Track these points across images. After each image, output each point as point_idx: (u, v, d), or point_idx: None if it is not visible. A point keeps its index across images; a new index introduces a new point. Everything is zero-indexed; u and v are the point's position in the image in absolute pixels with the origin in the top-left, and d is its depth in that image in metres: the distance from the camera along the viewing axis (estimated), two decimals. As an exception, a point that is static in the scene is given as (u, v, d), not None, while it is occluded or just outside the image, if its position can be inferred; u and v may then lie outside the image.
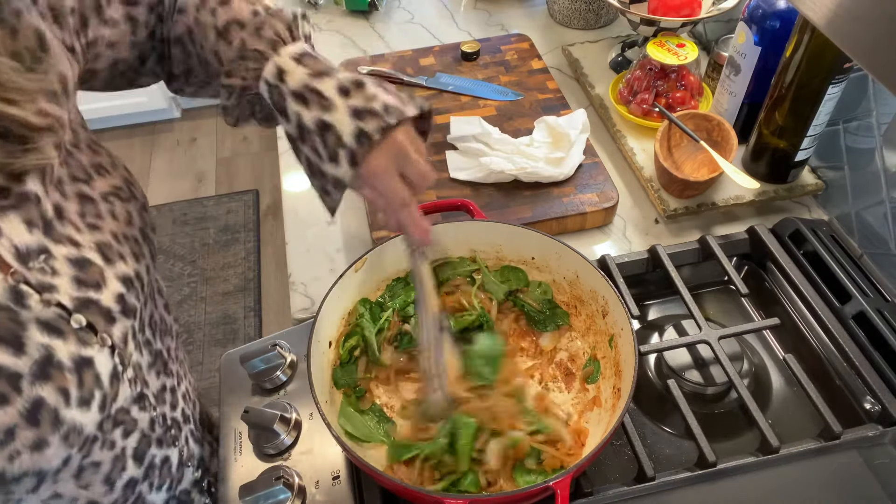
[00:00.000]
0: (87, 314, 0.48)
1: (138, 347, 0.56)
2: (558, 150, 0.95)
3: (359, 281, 0.74)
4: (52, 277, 0.47)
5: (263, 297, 2.21)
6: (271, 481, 0.64)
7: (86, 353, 0.48)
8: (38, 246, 0.46)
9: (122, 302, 0.52)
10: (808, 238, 0.85)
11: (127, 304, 0.52)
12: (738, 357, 0.77)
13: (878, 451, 0.69)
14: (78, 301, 0.48)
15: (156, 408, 0.59)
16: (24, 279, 0.45)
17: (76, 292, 0.48)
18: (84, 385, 0.47)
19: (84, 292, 0.49)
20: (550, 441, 0.65)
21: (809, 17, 0.34)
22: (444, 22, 1.36)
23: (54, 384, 0.45)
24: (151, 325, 0.60)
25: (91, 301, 0.49)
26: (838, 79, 0.80)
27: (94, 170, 0.55)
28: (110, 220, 0.53)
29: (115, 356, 0.51)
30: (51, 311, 0.46)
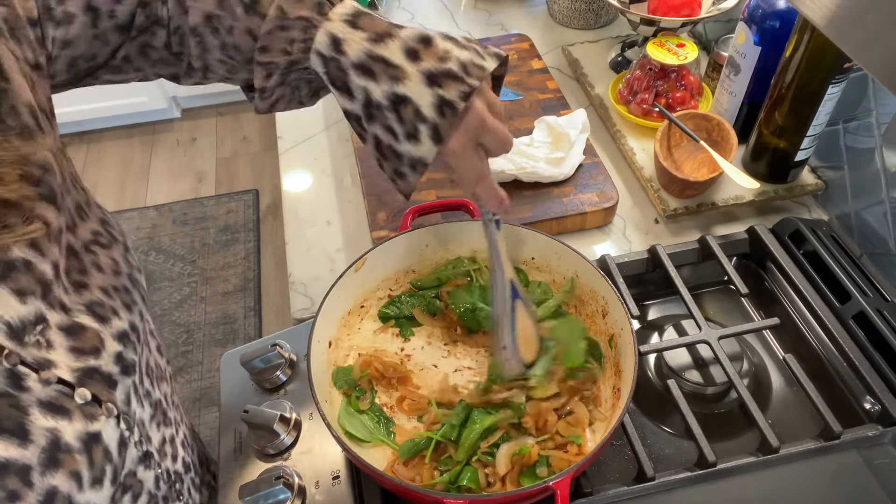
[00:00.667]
0: (90, 386, 0.44)
1: (140, 402, 0.52)
2: (558, 150, 0.95)
3: (359, 281, 0.74)
4: (49, 351, 0.42)
5: (263, 297, 2.21)
6: (271, 481, 0.64)
7: (93, 429, 0.43)
8: (35, 315, 0.42)
9: (120, 361, 0.47)
10: (808, 238, 0.85)
11: (126, 361, 0.48)
12: (738, 357, 0.77)
13: (878, 451, 0.69)
14: (80, 372, 0.44)
15: (160, 464, 0.55)
16: (21, 359, 0.40)
17: (75, 363, 0.44)
18: (95, 464, 0.43)
19: (84, 361, 0.44)
20: (560, 445, 0.65)
21: (809, 17, 0.34)
22: (444, 22, 1.36)
23: (65, 470, 0.41)
24: (149, 374, 0.55)
25: (92, 370, 0.45)
26: (838, 79, 0.80)
27: (77, 213, 0.48)
28: (96, 274, 0.47)
29: (120, 423, 0.47)
30: (51, 389, 0.42)
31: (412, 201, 0.92)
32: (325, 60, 0.50)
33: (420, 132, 0.50)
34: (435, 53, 0.50)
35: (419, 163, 0.52)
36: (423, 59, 0.49)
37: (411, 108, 0.49)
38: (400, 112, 0.50)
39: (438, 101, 0.49)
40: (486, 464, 0.63)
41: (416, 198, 0.93)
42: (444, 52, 0.50)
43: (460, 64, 0.50)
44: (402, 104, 0.49)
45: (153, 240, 2.39)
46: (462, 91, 0.49)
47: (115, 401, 0.46)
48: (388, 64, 0.49)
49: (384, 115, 0.50)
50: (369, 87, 0.50)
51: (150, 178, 2.63)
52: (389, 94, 0.49)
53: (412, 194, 0.55)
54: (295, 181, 1.03)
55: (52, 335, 0.43)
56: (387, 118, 0.50)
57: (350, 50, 0.49)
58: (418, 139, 0.50)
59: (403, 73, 0.49)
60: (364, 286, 0.76)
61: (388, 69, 0.49)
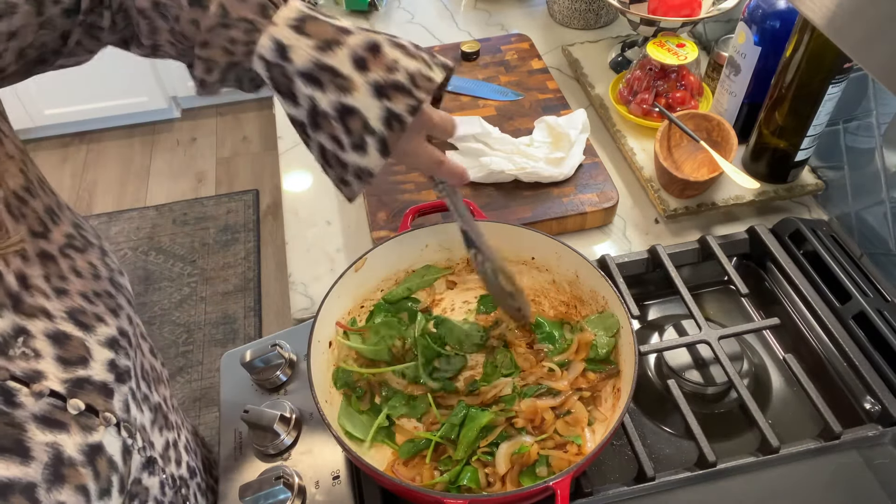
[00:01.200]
0: (83, 396, 0.43)
1: (139, 407, 0.51)
2: (558, 150, 0.95)
3: (359, 281, 0.74)
4: (37, 361, 0.41)
5: (263, 297, 2.21)
6: (271, 481, 0.64)
7: (93, 440, 0.43)
8: (13, 328, 0.41)
9: (114, 368, 0.46)
10: (808, 238, 0.85)
11: (119, 368, 0.47)
12: (738, 357, 0.77)
13: (878, 451, 0.69)
14: (70, 383, 0.43)
15: (164, 469, 0.54)
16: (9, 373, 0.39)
17: (64, 373, 0.42)
18: (100, 475, 0.42)
19: (72, 372, 0.43)
20: (560, 445, 0.65)
21: (809, 17, 0.34)
22: (444, 22, 1.36)
23: (72, 484, 0.40)
24: (145, 378, 0.54)
25: (82, 380, 0.43)
26: (838, 79, 0.80)
27: (48, 217, 0.47)
28: (75, 279, 0.46)
29: (121, 431, 0.46)
30: (44, 402, 0.41)
31: (412, 201, 0.92)
32: (268, 65, 0.49)
33: (367, 144, 0.50)
34: (383, 63, 0.49)
35: (365, 172, 0.51)
36: (371, 70, 0.49)
37: (359, 120, 0.49)
38: (347, 123, 0.49)
39: (387, 115, 0.49)
40: (486, 463, 0.63)
41: (416, 198, 0.93)
42: (393, 61, 0.49)
43: (408, 75, 0.50)
44: (349, 115, 0.49)
45: (153, 240, 2.39)
46: (410, 105, 0.49)
47: (112, 409, 0.45)
48: (336, 74, 0.48)
49: (330, 124, 0.50)
50: (316, 96, 0.49)
51: (150, 178, 2.63)
52: (336, 105, 0.49)
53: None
54: (295, 181, 1.03)
55: (38, 344, 0.42)
56: (333, 128, 0.50)
57: (296, 57, 0.48)
58: (365, 150, 0.50)
59: (351, 84, 0.48)
60: (364, 286, 0.76)
61: (336, 79, 0.48)
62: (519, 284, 0.69)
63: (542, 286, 0.79)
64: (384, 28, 1.34)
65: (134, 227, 2.43)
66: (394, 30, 1.34)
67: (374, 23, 1.36)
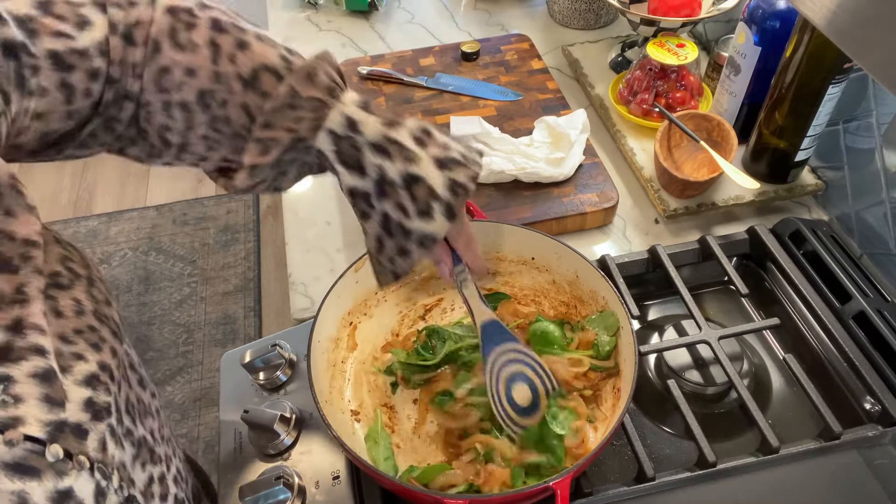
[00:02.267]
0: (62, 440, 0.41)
1: (119, 444, 0.48)
2: (558, 151, 0.95)
3: (359, 281, 0.74)
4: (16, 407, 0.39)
5: (263, 297, 2.21)
6: (271, 481, 0.64)
7: (63, 486, 0.40)
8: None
9: (90, 407, 0.44)
10: (808, 238, 0.85)
11: (97, 405, 0.44)
12: (738, 357, 0.77)
13: (878, 451, 0.69)
14: (52, 427, 0.40)
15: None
16: None
17: (47, 415, 0.40)
18: None
19: (56, 414, 0.41)
20: None
21: (809, 17, 0.34)
22: (444, 22, 1.36)
23: None
24: (129, 411, 0.51)
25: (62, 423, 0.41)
26: (838, 79, 0.80)
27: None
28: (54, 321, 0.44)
29: (95, 472, 0.43)
30: (19, 449, 0.38)
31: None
32: (337, 138, 0.52)
33: (433, 210, 0.53)
34: (437, 143, 0.54)
35: (429, 239, 0.54)
36: (429, 146, 0.53)
37: (425, 188, 0.52)
38: (413, 191, 0.53)
39: (450, 182, 0.53)
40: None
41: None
42: (444, 143, 0.54)
43: (460, 153, 0.54)
44: (415, 183, 0.52)
45: (153, 240, 2.39)
46: (469, 175, 0.54)
47: (86, 451, 0.43)
48: (402, 147, 0.52)
49: (397, 192, 0.53)
50: (384, 165, 0.52)
51: (150, 178, 2.63)
52: (404, 173, 0.52)
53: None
54: (295, 181, 1.03)
55: (20, 388, 0.39)
56: (400, 195, 0.53)
57: (367, 130, 0.52)
58: (431, 216, 0.53)
59: (416, 156, 0.53)
60: (364, 286, 0.76)
61: (403, 151, 0.52)
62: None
63: (542, 286, 0.79)
64: (384, 28, 1.34)
65: (134, 227, 2.43)
66: (394, 30, 1.34)
67: (375, 23, 1.36)
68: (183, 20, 0.50)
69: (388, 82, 1.13)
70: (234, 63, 0.51)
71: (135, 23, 0.49)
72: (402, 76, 1.12)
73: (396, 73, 1.13)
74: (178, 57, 0.50)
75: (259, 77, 0.51)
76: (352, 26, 1.35)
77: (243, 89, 0.51)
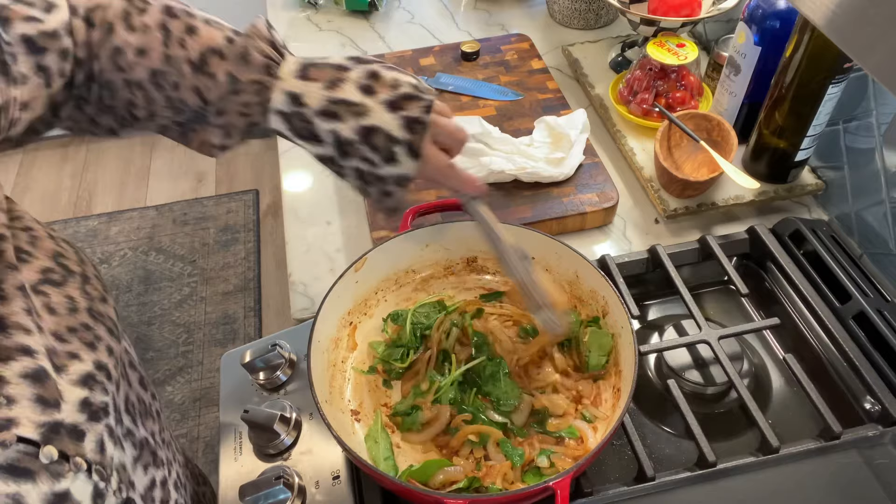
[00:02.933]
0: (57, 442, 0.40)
1: (118, 444, 0.47)
2: (558, 150, 0.95)
3: (359, 281, 0.74)
4: (9, 409, 0.38)
5: (263, 297, 2.21)
6: (271, 481, 0.64)
7: (59, 488, 0.40)
8: None
9: (87, 407, 0.43)
10: (808, 238, 0.85)
11: (94, 405, 0.44)
12: (738, 357, 0.77)
13: (878, 451, 0.69)
14: (45, 428, 0.40)
15: None
16: None
17: (40, 416, 0.40)
18: None
19: (50, 415, 0.40)
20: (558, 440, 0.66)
21: (809, 17, 0.34)
22: (444, 22, 1.36)
23: None
24: (129, 410, 0.51)
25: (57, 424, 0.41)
26: (838, 79, 0.80)
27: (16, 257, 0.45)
28: (48, 318, 0.43)
29: (92, 475, 0.42)
30: (12, 451, 0.38)
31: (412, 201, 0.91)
32: (286, 116, 0.53)
33: (396, 153, 0.54)
34: (386, 84, 0.54)
35: (403, 179, 0.56)
36: (378, 92, 0.54)
37: (382, 135, 0.53)
38: (372, 141, 0.54)
39: (406, 122, 0.53)
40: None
41: (416, 198, 0.93)
42: (394, 80, 0.54)
43: (412, 86, 0.55)
44: (372, 134, 0.53)
45: (153, 240, 2.39)
46: (423, 106, 0.54)
47: (83, 452, 0.42)
48: (350, 104, 0.53)
49: (357, 148, 0.54)
50: (337, 128, 0.53)
51: (150, 178, 2.63)
52: (358, 129, 0.53)
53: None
54: (295, 181, 1.03)
55: (12, 389, 0.39)
56: (361, 150, 0.54)
57: (311, 101, 0.53)
58: (396, 159, 0.54)
59: (366, 107, 0.53)
60: (364, 286, 0.76)
61: (351, 107, 0.53)
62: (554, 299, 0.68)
63: (542, 286, 0.79)
64: (384, 28, 1.34)
65: (134, 227, 2.43)
66: (394, 30, 1.34)
67: (375, 23, 1.36)
68: (136, 5, 0.53)
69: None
70: (185, 47, 0.52)
71: (94, 7, 0.52)
72: (402, 76, 1.12)
73: (396, 73, 1.12)
74: (129, 38, 0.52)
75: (207, 61, 0.53)
76: (352, 26, 1.35)
77: (193, 73, 0.53)
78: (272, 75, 0.53)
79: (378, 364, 0.74)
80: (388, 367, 0.73)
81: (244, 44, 0.53)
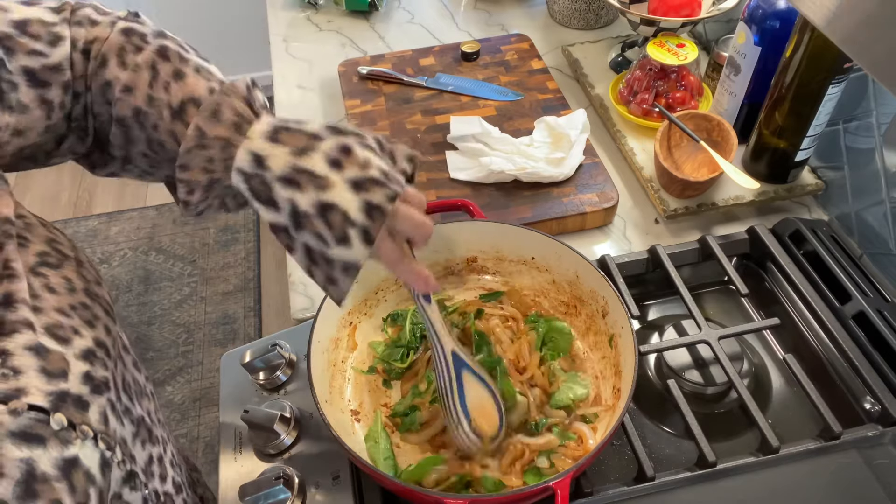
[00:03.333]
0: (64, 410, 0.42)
1: (119, 419, 0.49)
2: (558, 151, 0.95)
3: (359, 281, 0.74)
4: (17, 379, 0.41)
5: (263, 297, 2.21)
6: (271, 481, 0.64)
7: (69, 454, 0.42)
8: None
9: (89, 381, 0.45)
10: (808, 238, 0.85)
11: (95, 379, 0.46)
12: (738, 357, 0.77)
13: (878, 451, 0.69)
14: (53, 396, 0.42)
15: (146, 485, 0.53)
16: None
17: (48, 385, 0.42)
18: (76, 489, 0.41)
19: (56, 384, 0.42)
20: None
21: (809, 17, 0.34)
22: (444, 22, 1.36)
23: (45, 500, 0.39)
24: (126, 390, 0.53)
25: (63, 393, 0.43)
26: (838, 79, 0.80)
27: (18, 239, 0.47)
28: (49, 297, 0.45)
29: (99, 443, 0.45)
30: (24, 418, 0.40)
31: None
32: (247, 177, 0.52)
33: (350, 236, 0.51)
34: (356, 162, 0.52)
35: (352, 266, 0.53)
36: (345, 168, 0.51)
37: (339, 214, 0.51)
38: (328, 218, 0.51)
39: (366, 206, 0.51)
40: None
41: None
42: (365, 160, 0.52)
43: (381, 171, 0.52)
44: (329, 210, 0.51)
45: (153, 240, 2.39)
46: (388, 195, 0.52)
47: (88, 422, 0.44)
48: (313, 175, 0.51)
49: (311, 223, 0.51)
50: (295, 198, 0.51)
51: (150, 178, 2.63)
52: (316, 202, 0.51)
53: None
54: (295, 181, 1.03)
55: (18, 360, 0.41)
56: (314, 225, 0.51)
57: (273, 165, 0.51)
58: (349, 242, 0.52)
59: (328, 182, 0.51)
60: (364, 286, 0.76)
61: (314, 179, 0.51)
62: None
63: (542, 286, 0.79)
64: (384, 28, 1.34)
65: (134, 227, 2.43)
66: (394, 30, 1.34)
67: (375, 23, 1.36)
68: (133, 43, 0.53)
69: (388, 82, 1.13)
70: (168, 92, 0.53)
71: (92, 39, 0.53)
72: (402, 76, 1.12)
73: (396, 73, 1.13)
74: (119, 74, 0.52)
75: (186, 109, 0.52)
76: (352, 26, 1.35)
77: (171, 119, 0.52)
78: (241, 133, 0.52)
79: (378, 364, 0.74)
80: (387, 367, 0.73)
81: (218, 100, 0.52)
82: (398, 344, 0.74)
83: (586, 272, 0.72)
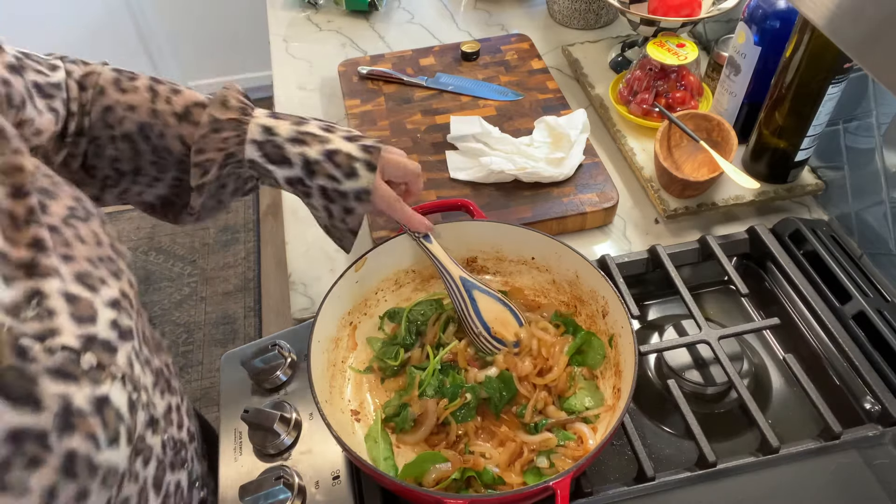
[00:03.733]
0: (94, 351, 0.46)
1: (142, 368, 0.53)
2: (558, 150, 0.95)
3: (359, 281, 0.74)
4: (51, 320, 0.44)
5: (263, 297, 2.21)
6: (271, 481, 0.64)
7: (100, 392, 0.45)
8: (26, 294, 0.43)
9: (116, 327, 0.49)
10: (808, 238, 0.85)
11: (121, 327, 0.49)
12: (738, 357, 0.77)
13: (878, 451, 0.69)
14: (83, 339, 0.45)
15: (165, 430, 0.57)
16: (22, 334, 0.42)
17: (78, 329, 0.45)
18: (108, 425, 0.45)
19: (85, 328, 0.46)
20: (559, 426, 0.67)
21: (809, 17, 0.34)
22: (444, 22, 1.36)
23: (81, 432, 0.43)
24: (146, 343, 0.57)
25: (92, 336, 0.46)
26: (838, 79, 0.80)
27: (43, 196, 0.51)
28: (80, 246, 0.49)
29: (126, 385, 0.48)
30: (58, 356, 0.43)
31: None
32: (260, 145, 0.64)
33: (356, 168, 0.65)
34: (342, 130, 0.67)
35: (363, 192, 0.66)
36: (336, 131, 0.67)
37: (343, 155, 0.65)
38: (335, 160, 0.65)
39: (362, 147, 0.66)
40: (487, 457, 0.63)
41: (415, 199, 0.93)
42: (348, 131, 0.67)
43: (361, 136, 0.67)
44: (335, 154, 0.65)
45: (153, 240, 2.39)
46: (375, 140, 0.66)
47: (116, 364, 0.48)
48: (314, 134, 0.65)
49: (322, 167, 0.64)
50: (305, 151, 0.64)
51: (150, 178, 2.63)
52: (323, 151, 0.65)
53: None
54: (295, 181, 1.03)
55: (52, 302, 0.44)
56: (326, 169, 0.65)
57: (282, 131, 0.64)
58: (356, 174, 0.65)
59: (328, 138, 0.66)
60: (364, 286, 0.76)
61: (316, 137, 0.65)
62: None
63: (542, 286, 0.79)
64: (384, 28, 1.34)
65: (134, 227, 2.43)
66: (394, 30, 1.34)
67: (375, 23, 1.36)
68: (126, 76, 0.64)
69: (388, 82, 1.13)
70: (170, 103, 0.63)
71: (87, 73, 0.63)
72: (402, 76, 1.12)
73: (396, 73, 1.13)
74: (120, 98, 0.62)
75: (191, 111, 0.63)
76: (352, 26, 1.35)
77: (178, 122, 0.63)
78: (247, 115, 0.64)
79: (374, 363, 0.74)
80: (383, 364, 0.73)
81: (224, 93, 0.64)
82: (393, 342, 0.74)
83: (586, 272, 0.72)
